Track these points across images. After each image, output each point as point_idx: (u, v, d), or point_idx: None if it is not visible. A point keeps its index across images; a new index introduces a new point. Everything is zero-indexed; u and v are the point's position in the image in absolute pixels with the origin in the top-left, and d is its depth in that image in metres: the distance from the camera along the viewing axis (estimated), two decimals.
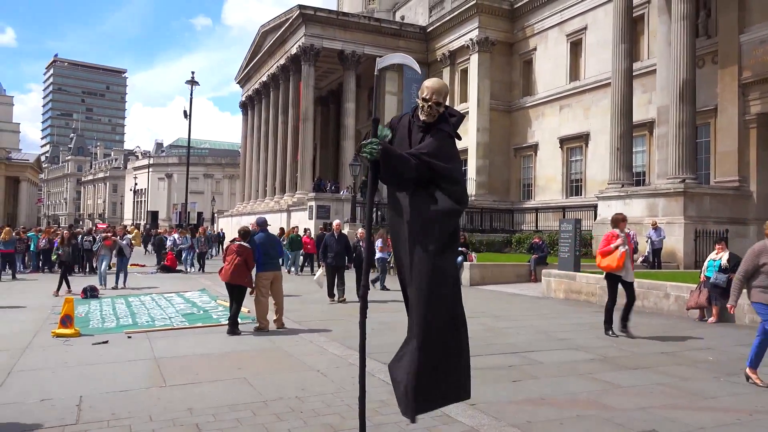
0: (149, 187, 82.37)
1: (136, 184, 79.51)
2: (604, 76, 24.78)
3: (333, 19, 34.32)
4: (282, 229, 25.22)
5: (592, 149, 26.98)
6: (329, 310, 12.04)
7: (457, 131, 3.81)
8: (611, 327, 9.20)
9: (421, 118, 3.71)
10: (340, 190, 33.22)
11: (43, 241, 21.53)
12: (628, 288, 9.32)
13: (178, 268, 22.70)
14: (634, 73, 22.57)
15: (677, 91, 19.27)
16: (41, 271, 21.62)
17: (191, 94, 34.94)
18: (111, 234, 18.62)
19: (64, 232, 18.08)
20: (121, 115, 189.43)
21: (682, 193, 18.61)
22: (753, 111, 19.54)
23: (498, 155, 31.70)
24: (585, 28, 27.32)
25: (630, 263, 9.23)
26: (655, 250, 17.87)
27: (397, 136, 3.86)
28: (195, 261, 23.01)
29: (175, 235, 24.08)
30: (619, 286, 9.41)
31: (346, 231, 17.18)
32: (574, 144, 28.17)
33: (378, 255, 15.99)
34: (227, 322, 9.53)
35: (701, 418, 5.11)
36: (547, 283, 15.15)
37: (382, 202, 21.11)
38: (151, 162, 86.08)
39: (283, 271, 13.47)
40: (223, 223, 46.69)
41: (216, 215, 54.68)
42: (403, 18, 38.28)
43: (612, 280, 9.37)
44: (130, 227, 46.74)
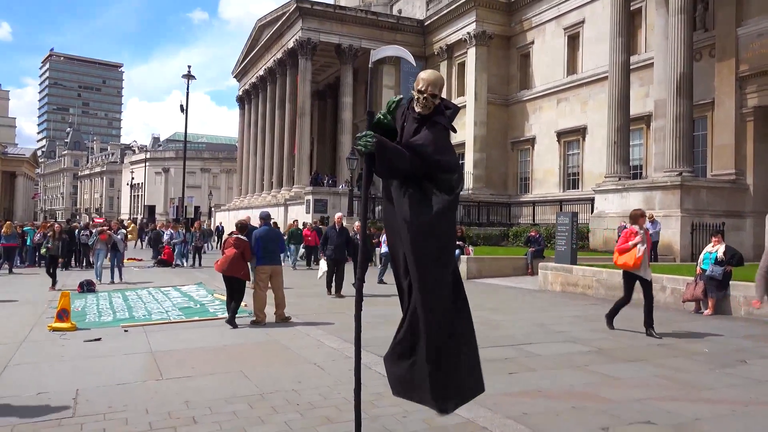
0: (146, 182, 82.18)
1: (132, 179, 79.27)
2: (601, 69, 24.76)
3: (330, 12, 34.23)
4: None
5: (589, 143, 26.99)
6: (326, 304, 12.05)
7: (453, 124, 3.79)
8: (613, 321, 9.04)
9: (417, 109, 3.69)
10: (337, 184, 33.20)
11: (39, 235, 21.47)
12: (646, 287, 8.83)
13: (176, 262, 22.68)
14: (632, 67, 22.56)
15: (674, 85, 19.27)
16: (38, 265, 21.58)
17: (188, 89, 34.82)
18: (107, 228, 18.44)
19: (56, 226, 17.65)
20: (117, 110, 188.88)
21: (679, 186, 18.64)
22: (750, 104, 19.55)
23: (495, 149, 31.70)
24: (582, 22, 27.28)
25: (648, 261, 8.81)
26: (652, 243, 17.87)
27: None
28: (189, 255, 22.91)
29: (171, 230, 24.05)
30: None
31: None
32: (572, 137, 28.17)
33: (384, 249, 15.94)
34: (225, 315, 9.54)
35: (697, 409, 5.12)
36: (544, 276, 15.17)
37: (379, 196, 21.09)
38: (148, 156, 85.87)
39: (287, 266, 13.42)
40: (221, 217, 46.66)
41: (213, 209, 54.63)
42: (400, 11, 38.18)
43: (629, 278, 8.96)
44: (128, 221, 46.65)
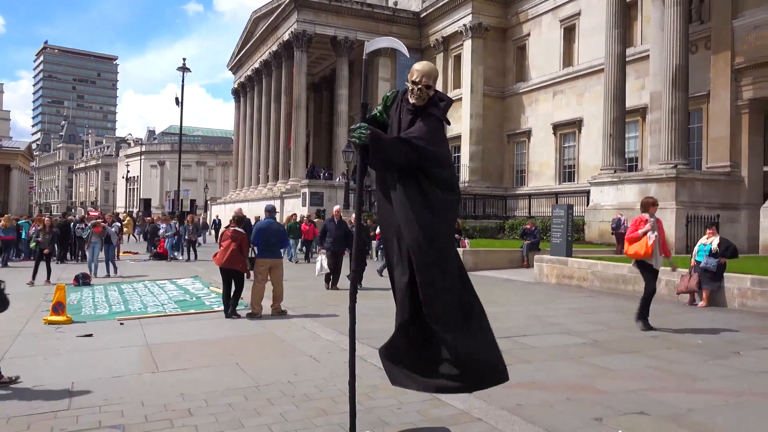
0: (141, 175, 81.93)
1: (128, 172, 79.17)
2: (597, 61, 24.77)
3: (326, 4, 34.11)
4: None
5: (585, 135, 27.01)
6: (322, 297, 12.07)
7: (448, 116, 3.80)
8: (646, 318, 8.42)
9: (411, 101, 3.68)
10: (333, 177, 33.17)
11: (33, 229, 21.37)
12: (654, 276, 8.60)
13: (171, 255, 22.61)
14: (628, 59, 22.58)
15: (670, 77, 19.28)
16: (32, 258, 21.47)
17: (183, 81, 34.66)
18: (101, 221, 18.17)
19: (45, 219, 17.17)
20: (112, 103, 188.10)
21: (674, 178, 18.69)
22: (745, 96, 19.58)
23: (491, 141, 31.70)
24: (578, 14, 27.26)
25: (659, 251, 8.40)
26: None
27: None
28: (184, 248, 22.78)
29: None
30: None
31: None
32: (568, 130, 28.19)
33: None
34: (221, 308, 9.57)
35: (690, 401, 5.16)
36: (540, 268, 15.21)
37: (374, 188, 21.08)
38: (144, 149, 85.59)
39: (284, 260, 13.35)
40: (217, 211, 46.59)
41: (209, 203, 54.57)
42: (396, 3, 38.07)
43: (645, 268, 8.55)
44: (123, 215, 46.54)
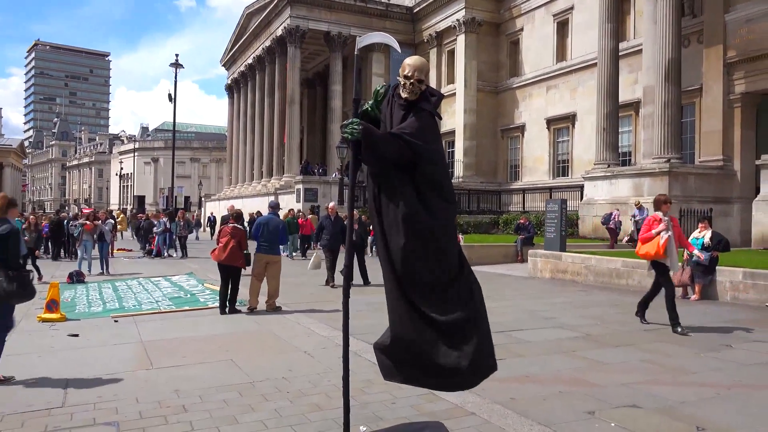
0: (135, 172, 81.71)
1: (121, 169, 78.71)
2: (590, 56, 24.79)
3: None
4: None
5: (578, 130, 27.06)
6: (317, 293, 12.08)
7: (440, 111, 3.81)
8: (678, 320, 7.98)
9: (403, 95, 3.68)
10: (327, 173, 33.13)
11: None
12: (663, 276, 8.30)
13: (166, 253, 22.54)
14: (621, 53, 22.61)
15: (663, 71, 19.33)
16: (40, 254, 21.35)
17: (176, 78, 34.49)
18: (92, 218, 17.42)
19: (30, 217, 16.75)
20: (105, 99, 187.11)
21: (667, 172, 18.76)
22: (738, 90, 19.65)
23: (485, 136, 31.71)
24: (572, 8, 27.24)
25: (674, 250, 8.10)
26: (640, 229, 18.01)
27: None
28: (177, 245, 22.64)
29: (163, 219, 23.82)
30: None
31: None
32: (561, 125, 28.23)
33: None
34: (215, 305, 9.60)
35: (682, 393, 5.20)
36: (534, 263, 15.27)
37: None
38: (137, 146, 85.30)
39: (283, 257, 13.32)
40: (211, 207, 46.49)
41: (203, 199, 54.43)
42: None
43: (659, 269, 8.29)
44: (117, 212, 46.39)
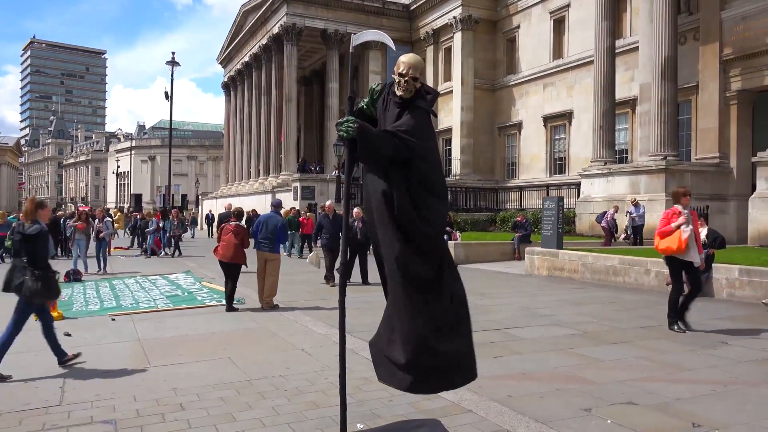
0: (132, 170, 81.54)
1: (118, 167, 78.70)
2: (587, 53, 24.80)
3: None
4: (253, 211, 25.03)
5: (575, 127, 27.09)
6: (315, 291, 12.08)
7: (436, 109, 3.81)
8: (677, 320, 7.83)
9: (398, 93, 3.69)
10: (324, 171, 33.13)
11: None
12: (693, 274, 7.95)
13: (162, 251, 22.49)
14: (617, 51, 22.64)
15: (659, 69, 19.36)
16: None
17: (172, 76, 34.52)
18: (84, 217, 16.94)
19: (21, 216, 16.53)
20: (101, 97, 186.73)
21: (663, 170, 18.80)
22: (734, 88, 19.70)
23: (482, 134, 31.72)
24: (568, 5, 27.26)
25: (696, 245, 7.76)
26: (636, 227, 18.07)
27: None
28: (171, 243, 22.52)
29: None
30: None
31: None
32: (558, 122, 28.26)
33: None
34: (212, 303, 9.62)
35: (678, 390, 5.22)
36: (531, 260, 15.29)
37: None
38: (134, 144, 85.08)
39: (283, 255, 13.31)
40: (208, 205, 46.39)
41: (200, 197, 54.31)
42: None
43: (674, 265, 7.92)
44: (114, 210, 46.32)
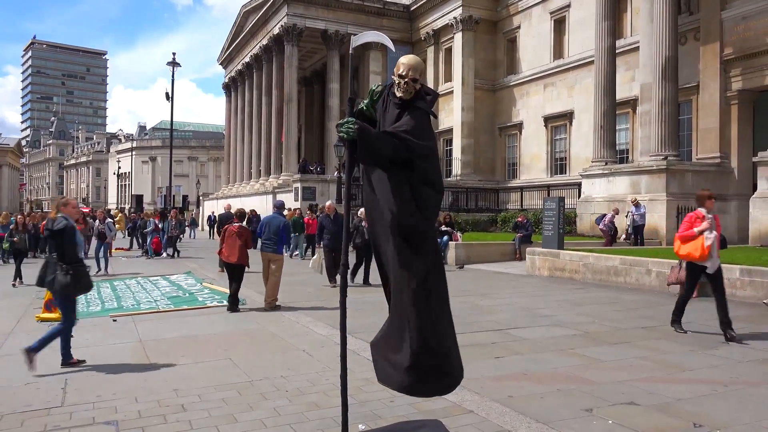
0: (133, 171, 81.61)
1: (119, 168, 78.72)
2: (587, 53, 24.81)
3: None
4: (252, 212, 25.01)
5: (576, 127, 27.09)
6: (316, 292, 12.08)
7: (437, 109, 3.82)
8: (680, 321, 7.78)
9: (398, 94, 3.71)
10: (325, 172, 33.13)
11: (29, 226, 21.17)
12: (716, 282, 7.56)
13: (164, 253, 22.46)
14: (618, 51, 22.64)
15: (660, 69, 19.36)
16: (26, 255, 21.29)
17: (173, 76, 34.60)
18: (81, 219, 16.71)
19: (18, 217, 15.99)
20: (102, 98, 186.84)
21: (664, 170, 18.79)
22: (734, 87, 19.70)
23: (483, 134, 31.72)
24: (568, 6, 27.27)
25: (717, 251, 7.47)
26: (637, 226, 18.06)
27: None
28: (168, 244, 22.48)
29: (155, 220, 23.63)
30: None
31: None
32: (559, 122, 28.26)
33: None
34: (213, 303, 9.67)
35: (679, 390, 5.22)
36: (532, 261, 15.28)
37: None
38: (135, 145, 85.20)
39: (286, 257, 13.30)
40: (209, 206, 46.43)
41: (201, 198, 54.36)
42: None
43: (693, 271, 7.68)
44: (115, 211, 46.34)
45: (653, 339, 7.36)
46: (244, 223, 10.66)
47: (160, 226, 22.17)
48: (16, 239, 14.41)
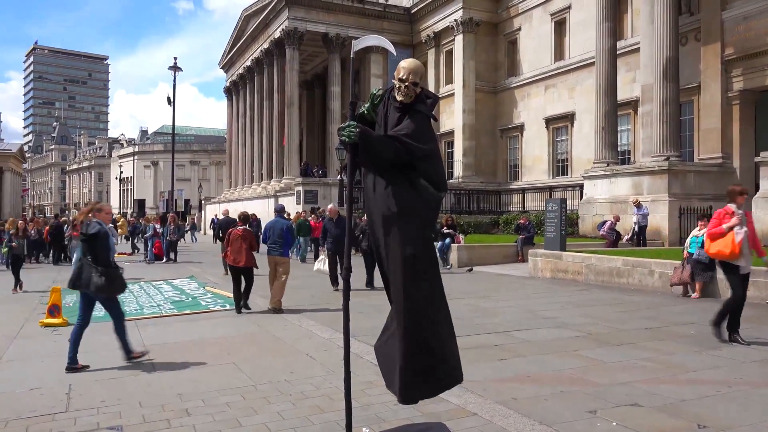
0: (135, 175, 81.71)
1: (121, 173, 78.79)
2: (588, 55, 24.80)
3: (317, 1, 33.97)
4: (253, 216, 24.96)
5: (577, 129, 27.08)
6: (318, 295, 12.07)
7: (438, 112, 3.85)
8: (737, 330, 7.13)
9: (398, 98, 3.73)
10: (327, 175, 33.15)
11: (32, 231, 21.25)
12: (743, 281, 7.19)
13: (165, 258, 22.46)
14: (618, 52, 22.63)
15: (661, 69, 19.36)
16: (29, 261, 21.36)
17: (174, 80, 34.65)
18: (78, 223, 16.78)
19: (19, 223, 15.79)
20: (104, 103, 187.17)
21: (666, 170, 18.78)
22: (735, 88, 19.69)
23: (484, 136, 31.72)
24: (569, 7, 27.27)
25: (748, 249, 7.03)
26: (640, 227, 18.04)
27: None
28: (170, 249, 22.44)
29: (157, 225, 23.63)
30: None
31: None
32: (560, 124, 28.26)
33: None
34: (223, 307, 10.06)
35: (682, 391, 5.21)
36: (534, 263, 15.28)
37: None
38: (137, 150, 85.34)
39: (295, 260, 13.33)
40: (212, 210, 46.45)
41: (203, 202, 54.40)
42: None
43: (729, 270, 7.14)
44: (117, 216, 46.36)
45: (656, 340, 7.35)
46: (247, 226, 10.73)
47: (160, 230, 22.17)
48: (14, 244, 14.15)
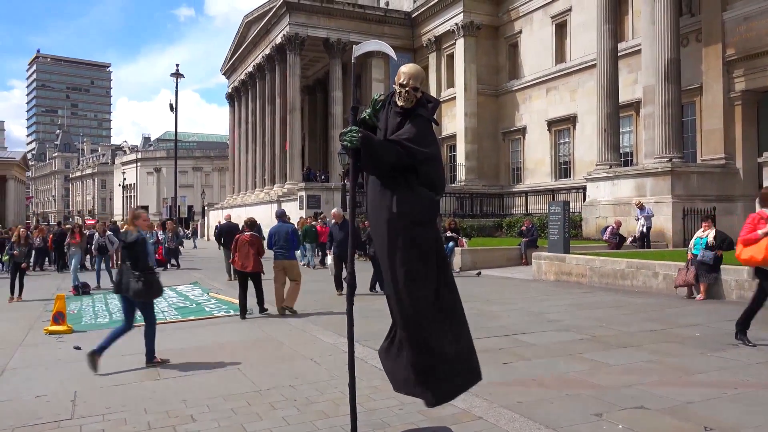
0: (138, 182, 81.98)
1: (124, 179, 78.99)
2: (589, 57, 24.81)
3: (317, 6, 34.08)
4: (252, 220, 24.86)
5: (579, 131, 27.07)
6: (322, 300, 12.06)
7: (441, 116, 3.87)
8: (746, 332, 7.17)
9: (399, 103, 3.75)
10: (329, 180, 33.18)
11: (37, 239, 21.29)
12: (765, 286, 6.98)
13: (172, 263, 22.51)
14: (620, 54, 22.63)
15: (662, 71, 19.35)
16: (33, 269, 21.41)
17: (176, 87, 34.79)
18: (78, 230, 16.42)
19: (21, 230, 15.52)
20: (106, 110, 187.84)
21: (669, 172, 18.75)
22: (738, 88, 19.67)
23: (486, 140, 31.72)
24: (570, 9, 27.29)
25: None
26: (645, 229, 17.97)
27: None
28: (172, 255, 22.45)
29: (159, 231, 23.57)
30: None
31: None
32: (562, 126, 28.25)
33: None
34: (227, 313, 10.21)
35: (688, 394, 5.19)
36: (538, 265, 15.25)
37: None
38: (139, 156, 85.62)
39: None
40: (215, 216, 46.49)
41: (206, 208, 54.47)
42: (387, 4, 38.09)
43: (764, 275, 6.93)
44: (121, 222, 46.41)
45: (662, 342, 7.32)
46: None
47: (162, 237, 22.22)
48: (16, 252, 14.01)
